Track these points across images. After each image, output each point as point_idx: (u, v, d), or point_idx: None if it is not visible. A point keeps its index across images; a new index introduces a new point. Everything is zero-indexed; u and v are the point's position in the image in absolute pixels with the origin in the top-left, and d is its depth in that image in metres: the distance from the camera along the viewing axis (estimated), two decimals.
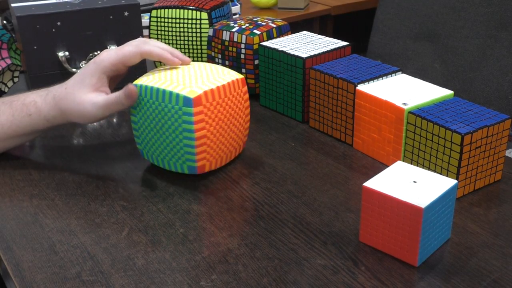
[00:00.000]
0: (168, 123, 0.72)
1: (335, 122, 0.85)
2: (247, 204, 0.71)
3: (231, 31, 0.96)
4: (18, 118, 0.77)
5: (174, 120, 0.71)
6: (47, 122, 0.77)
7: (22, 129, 0.78)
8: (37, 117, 0.77)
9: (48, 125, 0.78)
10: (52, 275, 0.59)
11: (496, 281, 0.57)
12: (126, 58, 0.75)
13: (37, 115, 0.76)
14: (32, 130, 0.78)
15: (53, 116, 0.76)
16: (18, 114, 0.77)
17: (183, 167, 0.74)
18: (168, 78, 0.73)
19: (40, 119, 0.77)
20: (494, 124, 0.69)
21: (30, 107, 0.77)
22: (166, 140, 0.73)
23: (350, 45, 0.93)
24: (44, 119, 0.77)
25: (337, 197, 0.72)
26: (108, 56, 0.75)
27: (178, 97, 0.70)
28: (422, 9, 1.53)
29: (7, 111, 0.77)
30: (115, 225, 0.67)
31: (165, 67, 0.78)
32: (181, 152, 0.73)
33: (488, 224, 0.66)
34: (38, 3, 1.02)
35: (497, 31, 1.40)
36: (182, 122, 0.71)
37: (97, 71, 0.75)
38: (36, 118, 0.77)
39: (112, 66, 0.75)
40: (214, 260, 0.61)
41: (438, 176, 0.62)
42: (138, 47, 0.75)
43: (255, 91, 0.99)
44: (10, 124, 0.77)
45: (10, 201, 0.72)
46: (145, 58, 0.76)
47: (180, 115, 0.71)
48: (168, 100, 0.71)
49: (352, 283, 0.57)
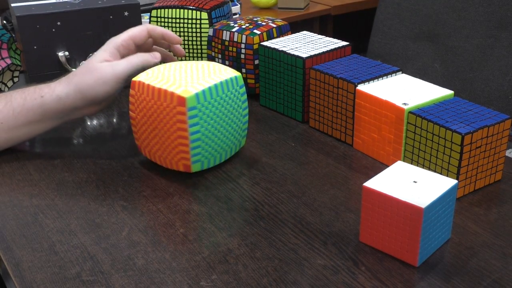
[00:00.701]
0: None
1: (335, 122, 0.85)
2: (247, 204, 0.71)
3: (231, 31, 0.96)
4: (29, 101, 0.77)
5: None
6: (59, 101, 0.77)
7: (33, 113, 0.78)
8: (49, 97, 0.77)
9: (60, 106, 0.78)
10: (52, 275, 0.59)
11: (496, 281, 0.57)
12: (134, 34, 0.81)
13: (50, 95, 0.77)
14: (43, 114, 0.78)
15: (66, 94, 0.77)
16: (31, 97, 0.78)
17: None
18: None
19: (53, 99, 0.77)
20: (494, 124, 0.69)
21: (43, 88, 0.78)
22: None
23: (350, 45, 0.93)
24: (56, 97, 0.77)
25: (337, 197, 0.72)
26: (117, 35, 0.81)
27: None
28: (422, 9, 1.53)
29: (19, 96, 0.78)
30: (115, 225, 0.67)
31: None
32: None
33: (488, 224, 0.66)
34: (38, 3, 1.02)
35: (497, 31, 1.40)
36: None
37: (109, 47, 0.79)
38: (48, 99, 0.77)
39: (123, 41, 0.80)
40: (214, 260, 0.61)
41: (438, 176, 0.62)
42: (145, 24, 0.83)
43: (255, 91, 0.99)
44: (21, 108, 0.77)
45: (10, 201, 0.72)
46: (151, 33, 0.82)
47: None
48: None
49: (352, 283, 0.57)
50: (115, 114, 0.97)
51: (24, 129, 0.79)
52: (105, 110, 0.97)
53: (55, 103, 0.77)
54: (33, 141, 0.87)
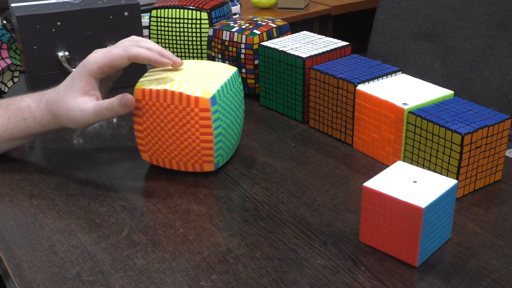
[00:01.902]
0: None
1: (335, 122, 0.85)
2: (247, 204, 0.71)
3: (231, 31, 0.96)
4: (13, 122, 0.77)
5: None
6: (42, 127, 0.77)
7: (17, 133, 0.77)
8: (32, 122, 0.76)
9: (43, 129, 0.77)
10: (52, 275, 0.59)
11: (496, 281, 0.57)
12: (113, 61, 0.73)
13: (32, 120, 0.76)
14: (27, 134, 0.78)
15: (48, 121, 0.76)
16: (14, 118, 0.77)
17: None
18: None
19: (35, 124, 0.76)
20: (494, 124, 0.69)
21: (25, 111, 0.76)
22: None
23: (350, 45, 0.93)
24: (39, 124, 0.76)
25: (337, 197, 0.72)
26: (95, 59, 0.73)
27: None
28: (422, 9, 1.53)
29: (2, 115, 0.77)
30: (115, 225, 0.67)
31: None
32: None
33: (488, 224, 0.66)
34: (38, 3, 1.02)
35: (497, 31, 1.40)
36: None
37: (84, 74, 0.73)
38: (31, 123, 0.76)
39: (99, 69, 0.73)
40: (214, 260, 0.61)
41: (438, 176, 0.62)
42: (126, 50, 0.73)
43: (255, 91, 0.99)
44: (6, 127, 0.77)
45: (10, 201, 0.72)
46: (133, 61, 0.74)
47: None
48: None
49: (352, 283, 0.57)
50: None
51: (9, 143, 0.79)
52: None
53: (38, 127, 0.77)
54: (33, 141, 0.87)
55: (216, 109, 0.72)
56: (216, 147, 0.74)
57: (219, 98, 0.72)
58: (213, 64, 0.79)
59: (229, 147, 0.78)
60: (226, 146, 0.76)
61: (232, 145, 0.79)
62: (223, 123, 0.74)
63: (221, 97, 0.73)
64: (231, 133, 0.77)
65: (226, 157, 0.78)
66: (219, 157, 0.75)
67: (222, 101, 0.73)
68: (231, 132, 0.77)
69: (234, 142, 0.79)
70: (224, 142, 0.75)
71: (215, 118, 0.72)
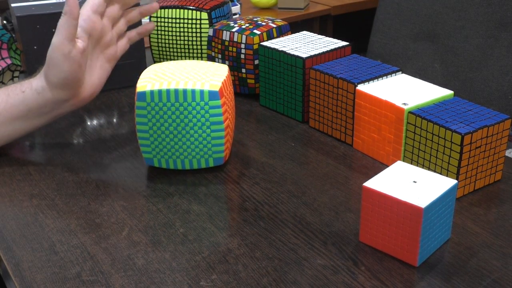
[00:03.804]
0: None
1: (335, 122, 0.85)
2: (247, 204, 0.71)
3: (231, 31, 0.96)
4: (12, 97, 0.78)
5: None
6: (39, 96, 0.78)
7: (17, 110, 0.78)
8: (29, 92, 0.78)
9: (41, 100, 0.78)
10: (52, 275, 0.59)
11: (496, 281, 0.57)
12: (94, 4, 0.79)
13: (29, 89, 0.78)
14: (27, 110, 0.78)
15: (42, 87, 0.77)
16: (13, 93, 0.78)
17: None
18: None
19: (32, 93, 0.78)
20: (494, 124, 0.69)
21: (25, 83, 0.79)
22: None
23: (350, 45, 0.93)
24: (35, 91, 0.78)
25: (337, 197, 0.72)
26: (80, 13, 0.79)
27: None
28: (422, 9, 1.53)
29: (2, 93, 0.79)
30: (115, 225, 0.67)
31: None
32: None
33: (488, 224, 0.66)
34: (38, 3, 1.02)
35: (497, 31, 1.40)
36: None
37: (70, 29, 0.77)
38: (29, 93, 0.78)
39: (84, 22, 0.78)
40: (214, 260, 0.61)
41: (438, 176, 0.62)
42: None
43: (255, 91, 0.99)
44: (5, 104, 0.78)
45: (10, 201, 0.72)
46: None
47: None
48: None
49: (352, 283, 0.57)
50: (115, 114, 0.97)
51: (9, 127, 0.79)
52: (105, 110, 0.97)
53: (35, 97, 0.78)
54: (33, 141, 0.87)
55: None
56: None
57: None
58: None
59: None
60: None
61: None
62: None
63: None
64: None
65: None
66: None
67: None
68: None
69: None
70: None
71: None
